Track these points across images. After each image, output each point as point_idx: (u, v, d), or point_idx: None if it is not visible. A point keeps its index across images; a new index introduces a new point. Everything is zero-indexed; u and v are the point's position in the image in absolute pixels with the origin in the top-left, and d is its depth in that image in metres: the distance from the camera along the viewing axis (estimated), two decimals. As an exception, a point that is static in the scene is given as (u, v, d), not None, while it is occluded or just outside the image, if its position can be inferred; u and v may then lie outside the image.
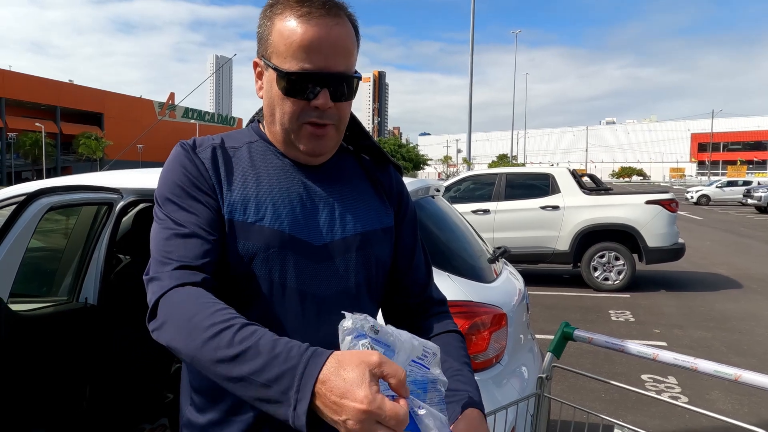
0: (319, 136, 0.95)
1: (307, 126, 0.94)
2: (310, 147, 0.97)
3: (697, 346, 5.17)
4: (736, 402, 3.80)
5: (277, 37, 0.93)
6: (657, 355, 1.23)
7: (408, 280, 1.11)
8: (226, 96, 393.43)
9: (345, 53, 0.94)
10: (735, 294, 7.42)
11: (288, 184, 0.98)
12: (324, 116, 0.94)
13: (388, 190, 1.10)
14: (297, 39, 0.91)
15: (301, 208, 0.97)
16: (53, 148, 51.24)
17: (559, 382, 4.08)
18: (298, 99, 0.93)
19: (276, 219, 0.94)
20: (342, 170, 1.06)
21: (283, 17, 0.93)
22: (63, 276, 2.44)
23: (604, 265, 7.74)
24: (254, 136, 1.03)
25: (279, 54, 0.93)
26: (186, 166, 0.96)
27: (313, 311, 0.94)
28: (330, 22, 0.92)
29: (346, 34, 0.94)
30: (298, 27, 0.91)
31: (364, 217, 1.02)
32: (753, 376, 1.05)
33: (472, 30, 27.02)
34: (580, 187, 8.07)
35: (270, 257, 0.92)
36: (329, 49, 0.92)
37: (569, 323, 1.47)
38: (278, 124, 0.97)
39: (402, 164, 8.68)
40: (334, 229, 0.98)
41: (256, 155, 1.00)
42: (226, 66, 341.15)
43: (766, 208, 22.22)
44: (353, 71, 0.97)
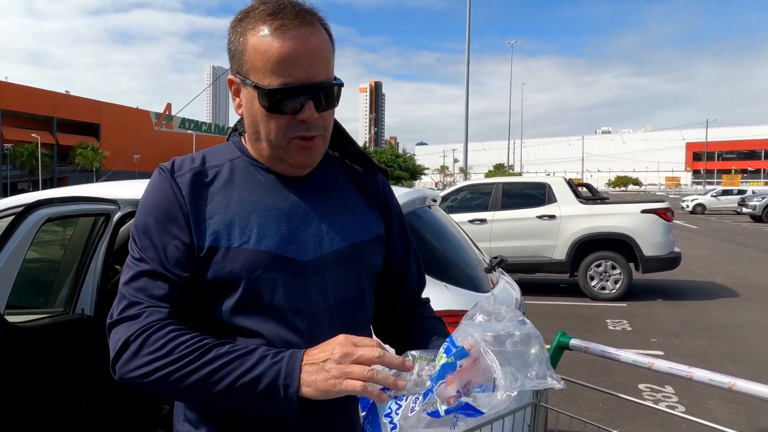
0: (308, 148, 0.95)
1: (295, 140, 0.93)
2: (300, 160, 0.96)
3: (694, 355, 5.18)
4: (734, 411, 3.80)
5: (253, 53, 0.91)
6: (652, 364, 1.24)
7: (401, 287, 1.13)
8: (223, 106, 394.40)
9: (323, 62, 0.92)
10: (731, 303, 7.44)
11: (273, 201, 0.97)
12: (310, 128, 0.93)
13: (376, 197, 1.09)
14: (275, 54, 0.89)
15: (288, 224, 0.95)
16: (50, 159, 51.15)
17: (557, 391, 4.07)
18: (283, 115, 0.92)
19: (261, 240, 0.92)
20: (328, 180, 1.05)
21: (256, 32, 0.90)
22: (60, 287, 2.43)
23: (601, 274, 7.75)
24: (236, 152, 1.01)
25: (257, 70, 0.91)
26: (160, 197, 0.94)
27: (306, 327, 0.93)
28: (305, 32, 0.90)
29: (321, 42, 0.93)
30: (273, 41, 0.89)
31: (353, 228, 1.01)
32: (747, 384, 1.06)
33: (468, 41, 27.24)
34: (576, 196, 8.11)
35: (259, 278, 0.91)
36: (308, 60, 0.90)
37: (565, 333, 1.48)
38: (264, 141, 0.95)
39: (399, 174, 8.72)
40: (323, 243, 0.97)
41: (238, 173, 0.98)
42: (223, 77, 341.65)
43: (760, 217, 22.31)
44: (333, 78, 0.95)
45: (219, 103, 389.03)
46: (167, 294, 0.89)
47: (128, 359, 0.85)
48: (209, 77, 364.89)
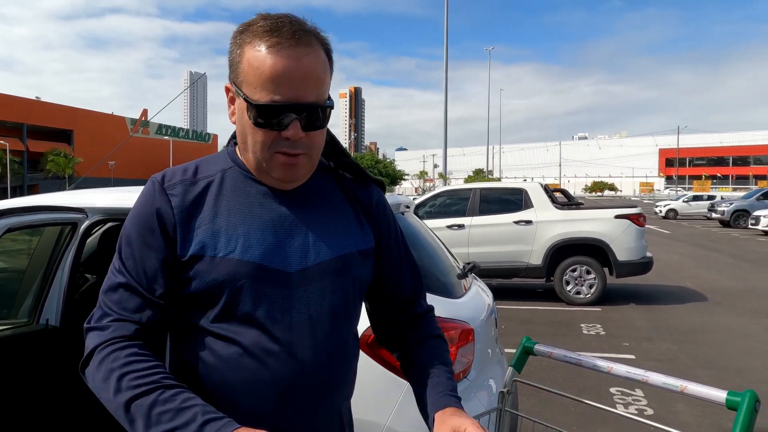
0: (291, 164, 0.96)
1: (278, 155, 0.94)
2: (282, 175, 0.97)
3: (664, 359, 5.28)
4: (699, 414, 3.89)
5: (247, 66, 0.92)
6: (611, 368, 1.27)
7: (397, 297, 1.14)
8: (201, 112, 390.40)
9: (316, 83, 0.93)
10: (701, 307, 7.61)
11: (261, 212, 0.98)
12: (295, 146, 0.94)
13: (368, 209, 1.10)
14: (267, 70, 0.90)
15: (274, 235, 0.97)
16: (19, 166, 49.93)
17: (531, 396, 4.12)
18: (270, 130, 0.93)
19: (247, 250, 0.94)
20: (319, 192, 1.05)
21: (253, 46, 0.92)
22: (24, 297, 2.38)
23: (576, 279, 7.87)
24: (229, 163, 1.03)
25: (249, 84, 0.92)
26: (148, 207, 0.97)
27: (287, 338, 0.94)
28: (300, 52, 0.91)
29: (316, 63, 0.94)
30: (267, 58, 0.90)
31: (340, 241, 1.02)
32: (696, 387, 1.10)
33: (446, 48, 27.49)
34: (552, 201, 8.23)
35: (242, 288, 0.93)
36: (299, 80, 0.91)
37: (530, 338, 1.50)
38: (251, 152, 0.97)
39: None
40: (309, 255, 0.98)
41: (228, 184, 1.00)
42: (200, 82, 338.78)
43: (729, 222, 22.92)
44: (325, 99, 0.96)
45: (196, 109, 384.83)
46: (139, 308, 0.94)
47: (91, 372, 0.91)
48: (186, 83, 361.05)
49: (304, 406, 0.97)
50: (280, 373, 0.94)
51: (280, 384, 0.94)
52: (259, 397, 0.94)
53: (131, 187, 2.75)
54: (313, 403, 0.98)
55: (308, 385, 0.96)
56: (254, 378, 0.93)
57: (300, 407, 0.96)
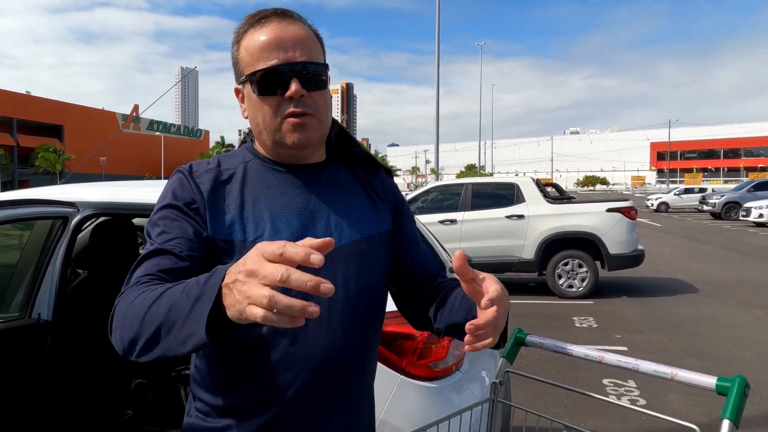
0: (300, 124, 1.00)
1: (287, 119, 0.99)
2: (295, 138, 1.00)
3: (656, 350, 5.34)
4: (690, 402, 3.94)
5: (244, 52, 1.01)
6: (603, 357, 1.28)
7: (419, 273, 1.19)
8: (192, 108, 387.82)
9: (305, 46, 1.00)
10: (692, 298, 7.69)
11: (285, 199, 1.03)
12: (300, 104, 0.99)
13: (383, 194, 1.17)
14: (258, 44, 0.99)
15: (299, 220, 1.02)
16: (10, 162, 49.47)
17: (524, 388, 4.15)
18: (272, 96, 0.99)
19: (275, 234, 0.98)
20: (336, 179, 1.11)
21: (245, 36, 1.01)
22: (15, 291, 2.36)
23: (569, 272, 7.92)
24: (249, 156, 1.08)
25: (248, 65, 1.00)
26: (177, 192, 1.01)
27: (316, 319, 0.96)
28: (284, 23, 1.00)
29: (302, 30, 1.01)
30: (257, 34, 1.00)
31: (360, 224, 1.08)
32: (686, 374, 1.11)
33: (437, 43, 27.48)
34: (544, 196, 8.26)
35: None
36: (288, 43, 0.98)
37: (522, 329, 1.51)
38: (263, 129, 1.02)
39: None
40: (333, 237, 1.01)
41: (251, 174, 1.05)
42: (191, 77, 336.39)
43: (720, 214, 23.12)
44: (320, 61, 1.02)
45: (188, 105, 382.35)
46: (166, 266, 0.90)
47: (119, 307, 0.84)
48: (178, 78, 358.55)
49: (340, 382, 1.02)
50: (315, 350, 0.98)
51: (315, 360, 0.98)
52: (295, 373, 0.98)
53: (122, 182, 2.74)
54: (347, 380, 1.03)
55: (342, 362, 1.01)
56: (289, 355, 0.97)
57: (335, 383, 1.01)
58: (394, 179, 1.26)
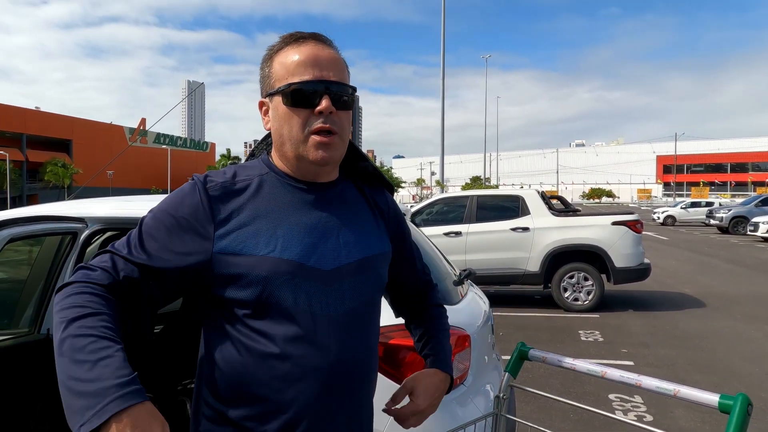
0: (325, 143, 1.04)
1: (314, 136, 1.04)
2: (319, 156, 1.04)
3: (662, 365, 5.30)
4: (698, 419, 3.90)
5: (278, 67, 1.06)
6: (605, 372, 1.29)
7: (414, 288, 1.32)
8: (199, 121, 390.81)
9: (338, 67, 1.07)
10: (699, 313, 7.63)
11: (297, 215, 1.06)
12: (328, 120, 1.04)
13: (386, 213, 1.22)
14: (295, 60, 1.05)
15: (310, 236, 1.05)
16: (18, 176, 49.90)
17: (529, 402, 4.12)
18: (303, 108, 1.04)
19: (286, 249, 1.02)
20: (345, 198, 1.15)
21: (281, 53, 1.07)
22: (25, 307, 2.39)
23: (574, 285, 7.88)
24: (265, 169, 1.11)
25: (281, 79, 1.05)
26: (190, 199, 1.03)
27: (326, 331, 1.02)
28: (321, 45, 1.08)
29: (336, 54, 1.09)
30: (294, 51, 1.06)
31: (366, 243, 1.12)
32: (689, 391, 1.11)
33: (443, 55, 27.64)
34: (549, 208, 8.25)
35: (283, 284, 1.00)
36: (324, 62, 1.05)
37: (525, 343, 1.52)
38: (287, 141, 1.06)
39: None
40: (341, 255, 1.07)
41: (266, 188, 1.07)
42: (198, 91, 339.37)
43: (727, 229, 22.95)
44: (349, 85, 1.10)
45: (194, 118, 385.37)
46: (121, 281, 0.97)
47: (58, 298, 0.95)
48: (184, 91, 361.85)
49: (344, 397, 1.04)
50: (321, 365, 1.01)
51: (321, 375, 1.01)
52: (301, 388, 1.00)
53: (130, 197, 2.77)
54: (351, 394, 1.05)
55: (347, 376, 1.04)
56: (295, 370, 1.00)
57: (340, 397, 1.03)
58: (394, 195, 1.32)
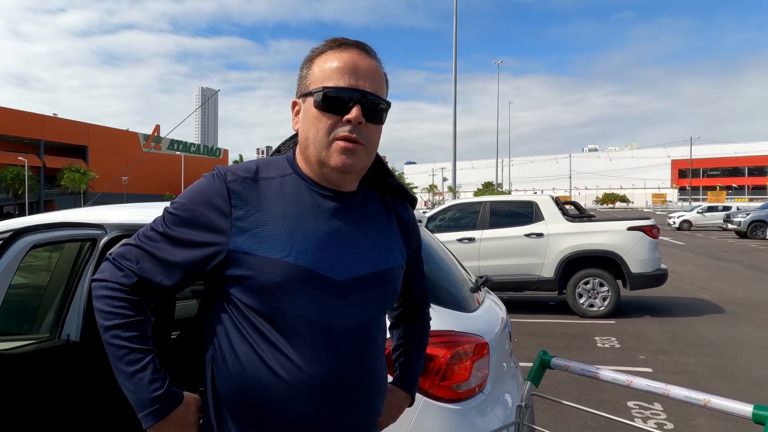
0: (349, 150, 1.02)
1: (338, 141, 1.02)
2: (340, 162, 1.02)
3: (682, 372, 5.21)
4: (721, 428, 3.82)
5: (317, 69, 1.06)
6: (631, 382, 1.27)
7: (414, 297, 1.32)
8: (212, 127, 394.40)
9: (375, 79, 1.06)
10: (718, 319, 7.50)
11: (316, 221, 1.04)
12: (355, 130, 1.02)
13: (406, 227, 1.20)
14: (334, 64, 1.04)
15: (327, 244, 1.03)
16: (36, 182, 50.67)
17: (547, 410, 4.07)
18: (333, 114, 1.02)
19: (301, 255, 0.99)
20: (368, 208, 1.13)
21: (323, 56, 1.07)
22: (45, 313, 2.42)
23: (589, 291, 7.80)
24: (288, 169, 1.09)
25: (317, 81, 1.05)
26: (210, 190, 1.03)
27: (335, 342, 1.00)
28: (363, 54, 1.06)
29: (377, 67, 1.08)
30: (335, 56, 1.05)
31: (386, 255, 1.10)
32: (720, 401, 1.09)
33: (455, 61, 27.65)
34: (563, 214, 8.18)
35: (294, 291, 0.98)
36: (362, 72, 1.04)
37: (547, 351, 1.50)
38: (311, 144, 1.04)
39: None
40: (360, 266, 1.05)
41: (288, 190, 1.06)
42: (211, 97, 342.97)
43: (745, 233, 22.60)
44: (385, 98, 1.09)
45: (207, 125, 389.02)
46: (149, 283, 1.02)
47: (95, 296, 1.03)
48: (198, 98, 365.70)
49: (347, 411, 1.02)
50: (326, 377, 0.99)
51: (326, 387, 0.99)
52: (304, 398, 0.98)
53: (147, 203, 2.79)
54: (355, 408, 1.03)
55: (351, 390, 1.01)
56: (300, 380, 0.98)
57: (343, 411, 1.01)
58: (414, 208, 1.30)
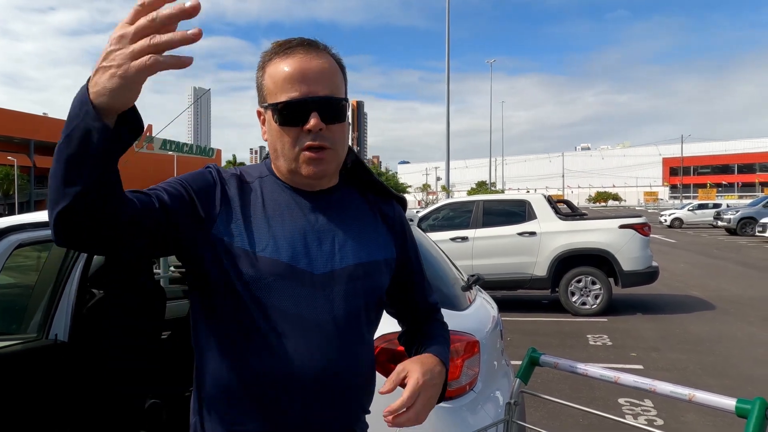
0: (316, 159, 1.02)
1: (305, 152, 1.02)
2: (311, 171, 1.03)
3: (673, 369, 5.24)
4: (709, 423, 3.85)
5: (268, 80, 1.04)
6: (618, 378, 1.27)
7: (420, 301, 1.27)
8: (205, 127, 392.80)
9: (327, 80, 1.03)
10: (709, 316, 7.56)
11: (293, 216, 1.05)
12: (318, 138, 1.01)
13: (392, 222, 1.18)
14: (282, 75, 1.01)
15: (304, 239, 1.04)
16: (26, 182, 50.26)
17: (539, 408, 4.09)
18: (292, 127, 1.01)
19: (277, 250, 1.01)
20: (347, 203, 1.13)
21: (271, 63, 1.04)
22: (33, 312, 2.40)
23: (582, 289, 7.83)
24: (266, 171, 1.11)
25: (271, 93, 1.03)
26: (203, 179, 1.04)
27: (312, 335, 1.00)
28: (309, 55, 1.03)
29: (327, 64, 1.04)
30: (282, 64, 1.02)
31: (366, 248, 1.09)
32: (705, 395, 1.10)
33: (447, 60, 27.71)
34: (556, 212, 8.22)
35: (270, 284, 0.99)
36: (312, 76, 1.01)
37: (536, 349, 1.50)
38: (281, 157, 1.05)
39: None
40: (334, 259, 1.05)
41: (265, 189, 1.07)
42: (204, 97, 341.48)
43: (735, 230, 22.78)
44: (341, 96, 1.06)
45: (200, 124, 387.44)
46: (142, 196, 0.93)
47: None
48: (190, 98, 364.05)
49: (327, 404, 1.02)
50: (304, 370, 0.99)
51: (304, 380, 0.99)
52: (283, 391, 0.99)
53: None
54: (338, 402, 1.03)
55: (331, 384, 1.01)
56: (278, 373, 0.98)
57: (322, 405, 1.01)
58: (406, 209, 1.28)
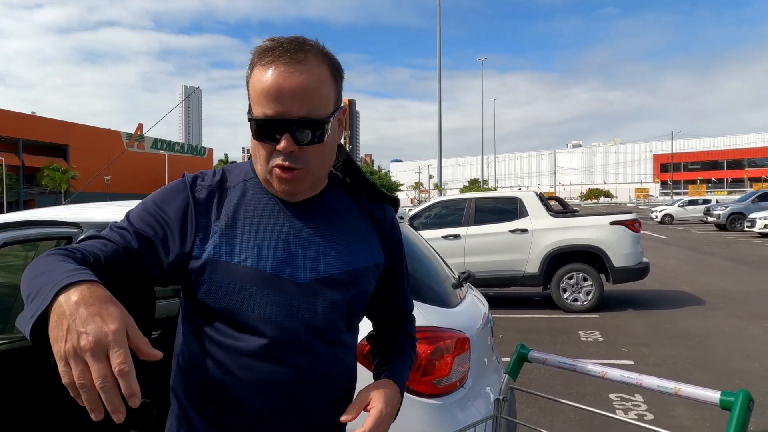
0: (287, 179, 0.98)
1: (276, 169, 0.98)
2: (281, 189, 1.00)
3: (663, 363, 5.29)
4: (698, 417, 3.88)
5: (251, 87, 0.99)
6: (605, 373, 1.28)
7: (396, 307, 1.23)
8: (196, 126, 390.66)
9: (305, 99, 0.95)
10: (698, 311, 7.63)
11: (276, 223, 1.02)
12: (289, 159, 0.96)
13: (382, 225, 1.14)
14: (260, 87, 0.95)
15: (287, 247, 1.01)
16: (15, 181, 49.79)
17: (531, 404, 4.11)
18: (267, 143, 0.97)
19: (259, 259, 0.98)
20: (334, 207, 1.09)
21: (256, 68, 0.97)
22: (19, 312, 2.37)
23: (573, 286, 7.88)
24: (250, 174, 1.07)
25: (252, 100, 0.98)
26: (176, 194, 1.02)
27: (294, 346, 0.98)
28: (291, 69, 0.94)
29: (308, 79, 0.95)
30: (262, 76, 0.95)
31: (352, 255, 1.06)
32: (690, 389, 1.10)
33: (438, 58, 27.73)
34: (547, 209, 8.26)
35: (254, 294, 0.97)
36: (288, 94, 0.94)
37: (525, 345, 1.51)
38: (258, 165, 1.02)
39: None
40: (319, 267, 1.02)
41: (249, 194, 1.04)
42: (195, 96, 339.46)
43: (724, 226, 23.00)
44: (322, 114, 0.97)
45: (192, 123, 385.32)
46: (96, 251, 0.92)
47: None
48: (182, 97, 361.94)
49: (310, 413, 1.01)
50: (287, 379, 0.98)
51: (287, 389, 0.98)
52: (265, 399, 0.98)
53: (126, 202, 2.75)
54: (317, 410, 1.02)
55: (314, 393, 1.00)
56: (260, 381, 0.97)
57: (305, 413, 1.00)
58: (398, 209, 1.24)
